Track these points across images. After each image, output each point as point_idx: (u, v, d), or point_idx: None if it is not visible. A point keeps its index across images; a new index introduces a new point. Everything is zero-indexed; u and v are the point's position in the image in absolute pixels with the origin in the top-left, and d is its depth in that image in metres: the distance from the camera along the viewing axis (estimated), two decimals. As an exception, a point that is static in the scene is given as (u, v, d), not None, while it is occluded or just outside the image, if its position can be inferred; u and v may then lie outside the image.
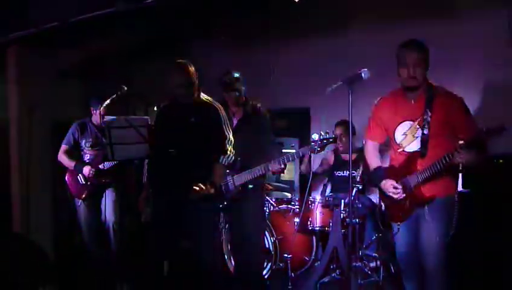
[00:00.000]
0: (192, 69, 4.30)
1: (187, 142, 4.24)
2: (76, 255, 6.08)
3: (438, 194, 3.72)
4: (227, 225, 5.39)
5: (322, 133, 4.42)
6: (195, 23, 6.68)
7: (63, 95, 6.92)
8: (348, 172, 5.88)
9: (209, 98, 4.43)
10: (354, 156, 4.96)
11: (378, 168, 4.05)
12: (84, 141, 5.73)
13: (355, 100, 3.71)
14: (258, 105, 4.94)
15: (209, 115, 4.34)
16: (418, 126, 3.78)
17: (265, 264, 5.51)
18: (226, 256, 5.66)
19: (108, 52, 6.98)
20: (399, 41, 3.84)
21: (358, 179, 5.62)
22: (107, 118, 4.34)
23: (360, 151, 5.06)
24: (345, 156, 6.08)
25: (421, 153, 3.77)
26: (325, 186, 6.26)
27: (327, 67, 6.26)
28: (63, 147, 5.77)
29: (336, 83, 3.78)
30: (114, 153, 4.32)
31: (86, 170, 5.60)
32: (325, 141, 4.42)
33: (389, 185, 3.85)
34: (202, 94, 4.42)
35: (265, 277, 5.46)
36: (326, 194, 6.09)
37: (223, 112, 4.40)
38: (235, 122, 4.84)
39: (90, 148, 5.71)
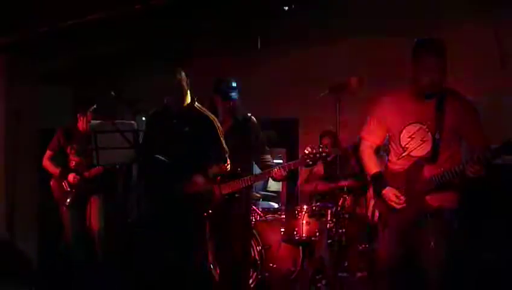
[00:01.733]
0: (183, 75, 4.29)
1: (180, 152, 4.23)
2: (60, 262, 6.01)
3: (443, 206, 3.55)
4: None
5: (315, 147, 4.35)
6: (184, 30, 6.67)
7: (50, 102, 6.90)
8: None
9: (202, 108, 4.43)
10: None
11: (378, 174, 3.78)
12: (69, 148, 5.69)
13: (345, 110, 3.69)
14: (249, 114, 4.92)
15: (204, 126, 4.33)
16: (427, 129, 3.55)
17: (250, 273, 5.47)
18: (211, 265, 5.62)
19: (97, 59, 6.96)
20: (388, 51, 3.78)
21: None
22: (93, 122, 4.32)
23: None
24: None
25: (431, 159, 3.54)
26: (311, 196, 6.23)
27: (316, 77, 6.26)
28: (48, 152, 5.74)
29: (323, 92, 3.77)
30: (99, 158, 4.29)
31: (71, 177, 5.56)
32: (318, 156, 4.34)
33: (392, 195, 3.62)
34: (197, 104, 4.41)
35: (251, 286, 5.42)
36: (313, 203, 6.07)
37: (218, 124, 4.40)
38: (223, 129, 4.82)
39: (75, 155, 5.66)
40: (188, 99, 4.37)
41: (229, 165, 4.41)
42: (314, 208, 5.56)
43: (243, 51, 7.11)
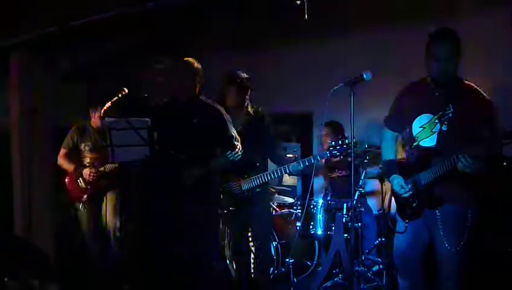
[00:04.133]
0: (199, 66, 4.37)
1: (189, 144, 4.25)
2: (77, 259, 6.05)
3: (449, 199, 3.52)
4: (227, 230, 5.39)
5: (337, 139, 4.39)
6: (195, 26, 6.67)
7: (64, 99, 6.94)
8: (337, 173, 5.89)
9: (208, 99, 4.44)
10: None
11: (390, 161, 3.85)
12: (83, 145, 5.71)
13: (358, 103, 3.67)
14: (260, 108, 4.92)
15: (212, 117, 4.35)
16: (437, 120, 3.56)
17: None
18: (228, 261, 5.62)
19: (110, 56, 6.98)
20: (400, 42, 3.76)
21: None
22: (108, 119, 4.33)
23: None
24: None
25: (435, 150, 3.57)
26: (326, 190, 6.21)
27: (330, 70, 6.23)
28: (62, 150, 5.76)
29: (337, 85, 3.75)
30: (115, 155, 4.30)
31: (86, 172, 5.57)
32: (344, 147, 4.35)
33: (396, 183, 3.68)
34: (202, 96, 4.43)
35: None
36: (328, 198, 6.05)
37: (225, 114, 4.41)
38: (237, 125, 4.79)
39: (89, 152, 5.68)
40: (195, 92, 4.43)
41: (240, 151, 4.41)
42: (329, 202, 5.55)
43: (255, 46, 7.09)
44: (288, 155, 5.88)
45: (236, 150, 4.38)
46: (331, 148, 4.42)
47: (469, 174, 3.35)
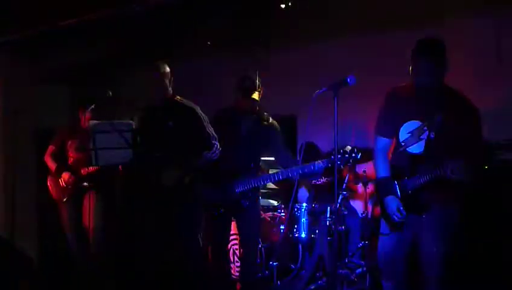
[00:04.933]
0: (165, 69, 4.43)
1: (168, 147, 4.28)
2: (61, 259, 6.02)
3: (434, 203, 3.55)
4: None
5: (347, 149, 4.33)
6: (182, 30, 6.66)
7: (47, 101, 6.90)
8: (321, 180, 5.90)
9: (183, 99, 4.47)
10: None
11: (386, 179, 3.78)
12: (69, 143, 5.68)
13: (343, 107, 3.68)
14: (265, 113, 4.90)
15: (186, 117, 4.40)
16: (425, 128, 3.58)
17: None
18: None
19: (94, 58, 6.95)
20: (386, 48, 3.77)
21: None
22: (92, 122, 4.31)
23: None
24: None
25: (423, 158, 3.58)
26: (311, 193, 6.23)
27: (314, 74, 6.25)
28: (50, 147, 5.74)
29: (321, 89, 3.75)
30: (98, 158, 4.28)
31: (65, 176, 5.55)
32: (346, 156, 4.30)
33: (394, 206, 3.63)
34: (178, 97, 4.47)
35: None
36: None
37: (200, 111, 4.48)
38: (243, 128, 4.78)
39: (74, 151, 5.65)
40: (169, 94, 4.48)
41: (217, 150, 4.42)
42: (313, 205, 5.57)
43: (241, 50, 7.09)
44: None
45: (214, 149, 4.38)
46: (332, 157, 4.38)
47: (454, 180, 3.40)
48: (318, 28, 6.50)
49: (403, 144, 3.70)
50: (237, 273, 5.40)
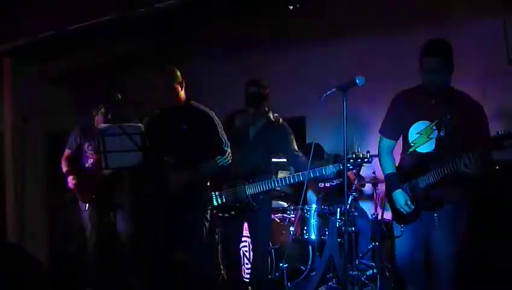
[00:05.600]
0: (173, 74, 4.35)
1: (180, 150, 4.25)
2: (70, 262, 6.04)
3: (446, 201, 3.63)
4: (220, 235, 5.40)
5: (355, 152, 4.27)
6: (190, 32, 6.68)
7: (56, 105, 6.93)
8: (330, 183, 5.89)
9: (200, 104, 4.44)
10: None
11: (392, 175, 3.92)
12: (87, 145, 5.70)
13: (351, 107, 3.68)
14: (276, 114, 4.89)
15: (201, 122, 4.35)
16: (434, 127, 3.67)
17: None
18: (221, 266, 5.62)
19: (103, 62, 6.98)
20: (395, 50, 3.79)
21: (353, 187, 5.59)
22: (101, 125, 4.33)
23: None
24: None
25: (434, 155, 3.67)
26: (319, 197, 6.21)
27: (323, 75, 6.24)
28: (66, 152, 5.76)
29: (330, 90, 3.76)
30: (108, 161, 4.28)
31: (70, 180, 5.58)
32: (358, 161, 4.24)
33: (402, 200, 3.75)
34: (193, 102, 4.43)
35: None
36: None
37: (215, 117, 4.43)
38: (252, 130, 4.78)
39: (92, 152, 5.66)
40: (182, 98, 4.41)
41: (229, 157, 4.40)
42: (323, 207, 5.55)
43: (247, 50, 7.09)
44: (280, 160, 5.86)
45: (226, 155, 4.37)
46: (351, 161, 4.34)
47: (465, 176, 3.47)
48: (328, 28, 6.51)
49: (412, 144, 3.77)
50: (247, 276, 5.39)
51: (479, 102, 3.68)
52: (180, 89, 4.38)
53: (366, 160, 4.24)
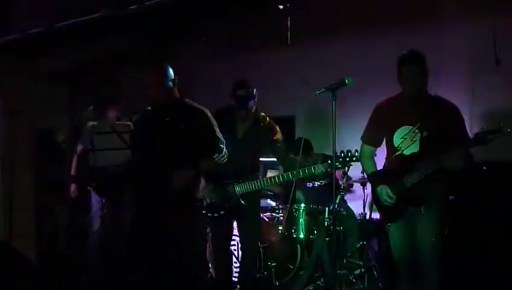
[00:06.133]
0: (166, 71, 4.25)
1: (175, 147, 4.20)
2: (60, 262, 6.03)
3: (431, 196, 3.83)
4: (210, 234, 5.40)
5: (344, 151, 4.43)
6: (182, 30, 6.67)
7: (46, 101, 6.89)
8: (317, 183, 5.92)
9: (194, 102, 4.40)
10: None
11: (374, 173, 4.16)
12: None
13: (342, 109, 3.72)
14: (262, 113, 4.90)
15: (197, 120, 4.30)
16: (417, 130, 3.88)
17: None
18: (210, 265, 5.62)
19: (94, 59, 6.96)
20: (384, 50, 3.88)
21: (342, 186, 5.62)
22: (90, 123, 4.32)
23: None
24: None
25: (419, 156, 3.87)
26: (306, 197, 6.21)
27: (313, 75, 6.26)
28: (79, 147, 5.73)
29: (319, 90, 3.81)
30: (97, 159, 4.28)
31: (72, 188, 5.58)
32: (347, 159, 4.42)
33: (384, 193, 3.94)
34: (187, 99, 4.39)
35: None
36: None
37: (210, 115, 4.38)
38: (241, 130, 4.81)
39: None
40: (176, 96, 4.33)
41: (226, 155, 4.39)
42: (311, 205, 5.57)
43: (237, 50, 7.10)
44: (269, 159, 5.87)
45: (223, 153, 4.36)
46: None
47: (447, 172, 3.75)
48: (318, 28, 6.53)
49: (398, 148, 3.97)
50: (236, 275, 5.40)
51: (453, 103, 3.94)
52: (173, 86, 4.33)
53: (354, 159, 4.35)
